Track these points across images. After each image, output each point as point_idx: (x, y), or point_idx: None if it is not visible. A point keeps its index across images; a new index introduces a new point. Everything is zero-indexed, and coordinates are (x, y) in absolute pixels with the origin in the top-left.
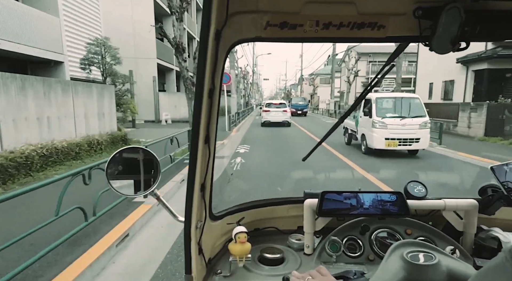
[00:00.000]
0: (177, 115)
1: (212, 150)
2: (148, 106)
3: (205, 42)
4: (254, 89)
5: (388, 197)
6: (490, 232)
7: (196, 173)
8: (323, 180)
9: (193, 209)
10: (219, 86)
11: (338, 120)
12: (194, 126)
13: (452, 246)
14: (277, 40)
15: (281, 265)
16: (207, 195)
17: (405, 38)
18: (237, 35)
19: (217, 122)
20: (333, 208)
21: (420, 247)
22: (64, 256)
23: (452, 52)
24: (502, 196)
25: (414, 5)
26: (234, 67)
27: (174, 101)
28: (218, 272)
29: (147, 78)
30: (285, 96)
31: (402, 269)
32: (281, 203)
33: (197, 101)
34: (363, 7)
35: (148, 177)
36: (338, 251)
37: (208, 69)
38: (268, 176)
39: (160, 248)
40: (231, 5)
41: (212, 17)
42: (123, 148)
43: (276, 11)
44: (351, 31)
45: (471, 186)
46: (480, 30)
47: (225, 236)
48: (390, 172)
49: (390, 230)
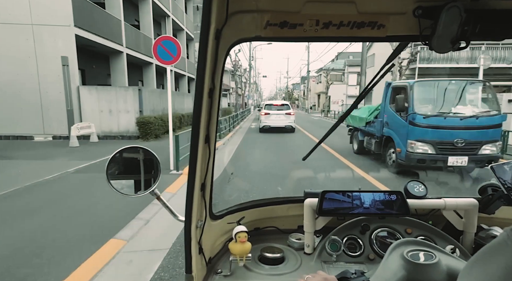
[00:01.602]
0: (114, 125)
1: (212, 149)
2: (60, 111)
3: (205, 42)
4: (252, 88)
5: (388, 196)
6: (490, 231)
7: (196, 173)
8: (323, 180)
9: (193, 208)
10: (219, 86)
11: (338, 120)
12: (194, 126)
13: (452, 245)
14: (277, 39)
15: (281, 264)
16: (207, 194)
17: (405, 38)
18: (237, 35)
19: (218, 122)
20: (333, 208)
21: (420, 246)
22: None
23: (452, 51)
24: (502, 195)
25: (414, 5)
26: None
27: (111, 102)
28: (218, 272)
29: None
30: (286, 97)
31: (402, 268)
32: (281, 203)
33: (197, 100)
34: (363, 7)
35: (149, 177)
36: (338, 250)
37: (208, 69)
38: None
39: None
40: (231, 5)
41: (212, 16)
42: (123, 147)
43: (276, 11)
44: (351, 31)
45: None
46: (480, 29)
47: (225, 235)
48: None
49: (390, 229)
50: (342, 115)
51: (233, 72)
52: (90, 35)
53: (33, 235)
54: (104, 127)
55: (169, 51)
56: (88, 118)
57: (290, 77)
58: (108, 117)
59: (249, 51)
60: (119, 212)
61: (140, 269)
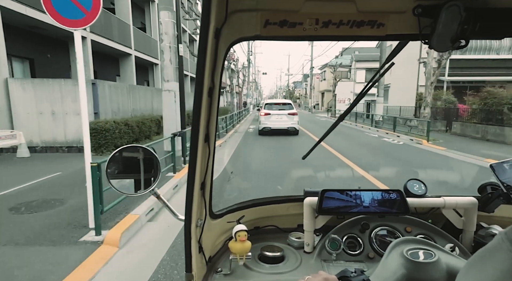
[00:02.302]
0: (59, 133)
1: (212, 148)
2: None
3: (204, 41)
4: (251, 86)
5: (388, 195)
6: (489, 230)
7: (196, 172)
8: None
9: (193, 208)
10: (218, 85)
11: (338, 118)
12: (194, 125)
13: (451, 243)
14: (276, 38)
15: (281, 263)
16: (207, 193)
17: (404, 36)
18: (237, 34)
19: (217, 121)
20: (333, 206)
21: (420, 244)
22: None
23: (452, 50)
24: (501, 193)
25: (413, 3)
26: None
27: (55, 101)
28: (218, 270)
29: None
30: (287, 96)
31: (401, 267)
32: (281, 202)
33: (196, 100)
34: (362, 5)
35: (149, 176)
36: (338, 249)
37: (208, 68)
38: None
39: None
40: (231, 3)
41: (212, 15)
42: (122, 146)
43: (275, 9)
44: (350, 29)
45: None
46: (480, 28)
47: (225, 234)
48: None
49: (390, 228)
50: (342, 114)
51: (227, 66)
52: (33, 12)
53: None
54: (46, 136)
55: (77, 2)
56: (22, 124)
57: (291, 75)
58: (51, 121)
59: (248, 46)
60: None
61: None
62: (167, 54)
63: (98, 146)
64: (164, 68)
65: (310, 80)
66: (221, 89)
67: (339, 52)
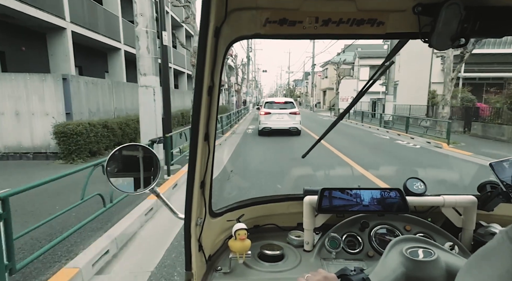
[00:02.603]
0: (24, 136)
1: (212, 147)
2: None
3: (204, 39)
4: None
5: (388, 193)
6: (489, 228)
7: (196, 170)
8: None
9: (193, 206)
10: (218, 84)
11: (338, 117)
12: (193, 123)
13: (451, 242)
14: (276, 37)
15: (281, 261)
16: (207, 192)
17: (404, 35)
18: (237, 32)
19: (217, 120)
20: (332, 205)
21: (419, 243)
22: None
23: (452, 48)
24: (501, 192)
25: (413, 2)
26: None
27: (19, 99)
28: (218, 269)
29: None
30: (287, 94)
31: (401, 265)
32: (281, 200)
33: (196, 98)
34: (362, 4)
35: (148, 175)
36: (338, 248)
37: (208, 67)
38: None
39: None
40: (230, 2)
41: (211, 14)
42: (122, 145)
43: (275, 8)
44: (350, 28)
45: None
46: (480, 27)
47: (225, 233)
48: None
49: (389, 226)
50: (342, 113)
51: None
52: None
53: None
54: (8, 140)
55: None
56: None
57: (292, 72)
58: (14, 123)
59: (247, 43)
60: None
61: None
62: (144, 41)
63: (68, 153)
64: (140, 59)
65: (312, 78)
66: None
67: (341, 49)
